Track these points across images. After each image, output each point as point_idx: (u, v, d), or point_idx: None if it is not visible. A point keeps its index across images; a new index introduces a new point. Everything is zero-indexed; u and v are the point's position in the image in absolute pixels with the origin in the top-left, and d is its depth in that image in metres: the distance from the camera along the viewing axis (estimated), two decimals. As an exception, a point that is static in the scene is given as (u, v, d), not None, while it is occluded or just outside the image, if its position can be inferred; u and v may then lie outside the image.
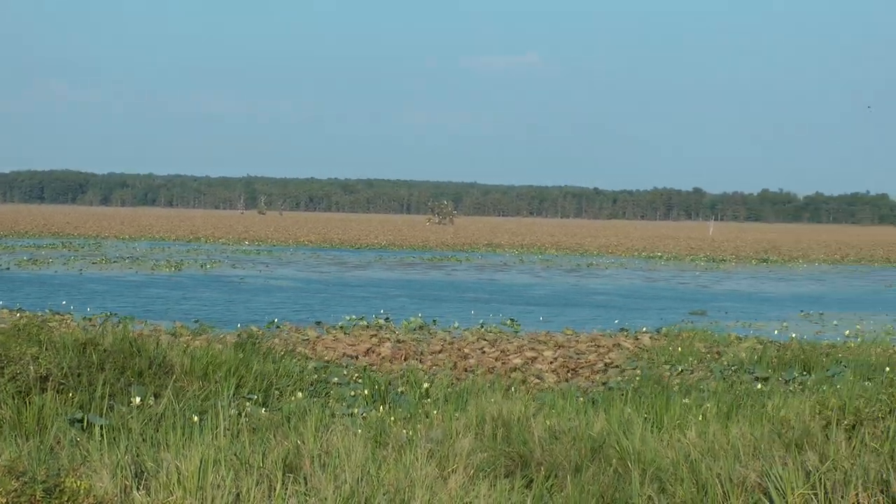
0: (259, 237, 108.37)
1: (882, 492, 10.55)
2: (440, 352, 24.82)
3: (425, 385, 18.34)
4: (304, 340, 25.84)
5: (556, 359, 24.22)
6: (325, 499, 10.27)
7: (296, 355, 21.70)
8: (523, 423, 13.95)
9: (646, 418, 14.75)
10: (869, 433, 12.41)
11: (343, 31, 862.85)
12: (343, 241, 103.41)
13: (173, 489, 10.23)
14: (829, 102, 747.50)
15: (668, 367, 22.35)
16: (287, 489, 10.50)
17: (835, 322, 37.93)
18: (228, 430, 12.58)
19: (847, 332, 33.43)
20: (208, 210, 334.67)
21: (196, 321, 30.25)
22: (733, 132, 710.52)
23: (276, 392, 17.20)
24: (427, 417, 15.13)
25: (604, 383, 20.96)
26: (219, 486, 10.23)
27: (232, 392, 16.23)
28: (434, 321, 32.59)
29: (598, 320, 36.24)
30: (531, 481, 11.57)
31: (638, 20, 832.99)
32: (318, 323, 31.62)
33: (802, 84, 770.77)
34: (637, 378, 20.24)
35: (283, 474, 10.79)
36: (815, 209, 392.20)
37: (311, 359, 22.04)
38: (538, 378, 21.72)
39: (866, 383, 18.95)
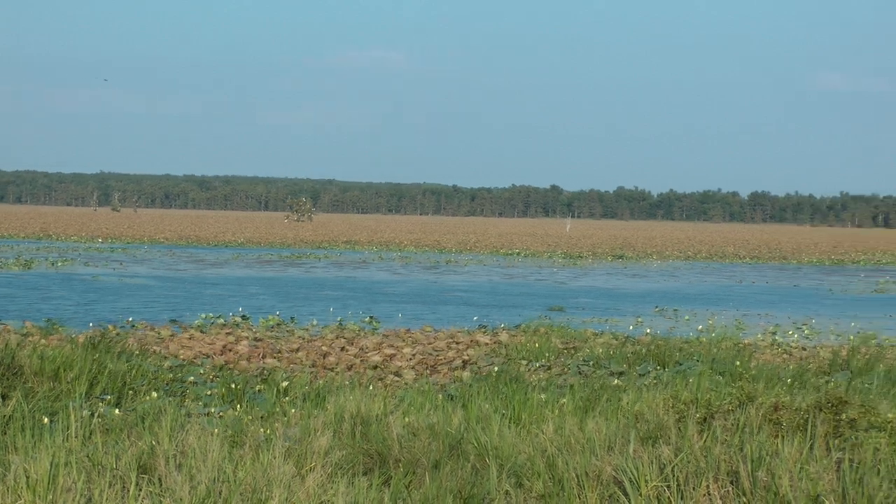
0: (113, 234, 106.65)
1: (732, 483, 10.76)
2: (298, 350, 24.68)
3: (283, 383, 18.21)
4: (159, 339, 25.48)
5: (414, 356, 24.24)
6: (181, 499, 10.14)
7: (151, 354, 21.38)
8: (382, 421, 13.93)
9: (503, 414, 14.85)
10: (720, 426, 12.64)
11: (197, 27, 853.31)
12: (200, 239, 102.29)
13: (21, 493, 10.00)
14: (683, 102, 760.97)
15: (525, 363, 22.51)
16: (141, 490, 10.34)
17: (688, 317, 38.62)
18: (80, 431, 12.34)
19: (700, 327, 34.06)
20: (60, 207, 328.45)
21: (47, 320, 29.63)
22: (590, 130, 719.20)
23: (131, 392, 16.93)
24: (285, 416, 15.03)
25: (462, 380, 21.03)
26: (69, 488, 10.04)
27: (84, 393, 15.94)
28: (292, 319, 32.41)
29: (457, 317, 36.38)
30: (390, 478, 11.56)
31: (496, 19, 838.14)
32: (174, 321, 31.22)
33: (656, 83, 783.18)
34: (495, 374, 20.35)
35: (138, 475, 10.62)
36: (668, 206, 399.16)
37: (166, 358, 21.72)
38: (397, 375, 21.72)
39: (718, 377, 19.34)
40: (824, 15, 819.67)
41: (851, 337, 30.69)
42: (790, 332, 33.17)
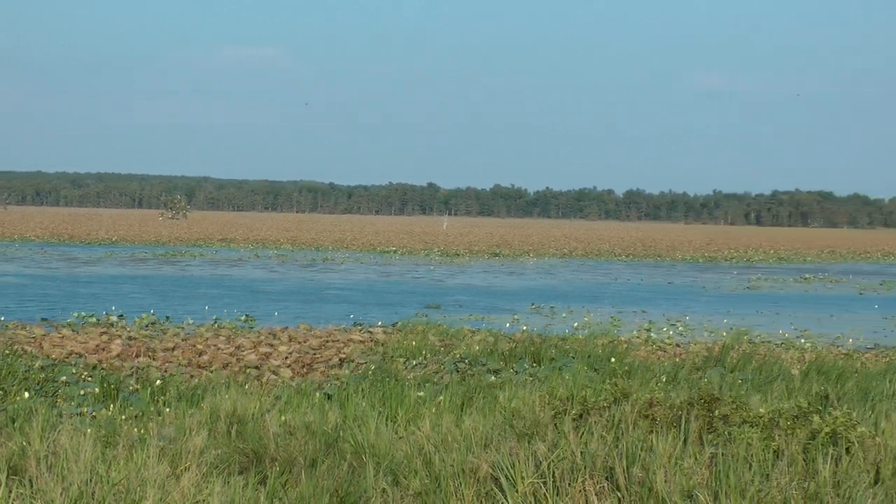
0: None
1: (608, 479, 10.86)
2: (174, 349, 24.38)
3: (158, 382, 18.00)
4: (30, 339, 24.98)
5: (291, 354, 24.10)
6: (52, 501, 9.95)
7: (22, 354, 20.98)
8: (258, 420, 13.84)
9: (380, 412, 14.83)
10: (596, 422, 12.75)
11: (70, 21, 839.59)
12: (73, 237, 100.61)
13: None
14: (558, 99, 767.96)
15: (402, 360, 22.50)
16: (11, 492, 10.13)
17: (564, 315, 38.93)
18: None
19: (575, 324, 34.35)
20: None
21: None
22: (466, 127, 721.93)
23: (1, 392, 16.60)
24: (159, 415, 14.86)
25: (339, 378, 20.95)
26: (-63, 491, 9.80)
27: (-48, 393, 15.57)
28: (167, 318, 32.02)
29: (334, 315, 36.26)
30: (266, 477, 11.47)
31: (379, 16, 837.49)
32: (46, 320, 30.63)
33: (532, 81, 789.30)
34: (372, 372, 20.32)
35: (8, 477, 10.41)
36: (545, 204, 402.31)
37: (38, 357, 21.31)
38: (274, 374, 21.57)
39: (594, 374, 19.54)
40: (701, 15, 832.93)
41: (724, 334, 31.19)
42: (665, 329, 33.61)
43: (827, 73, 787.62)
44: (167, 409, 15.17)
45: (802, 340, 30.66)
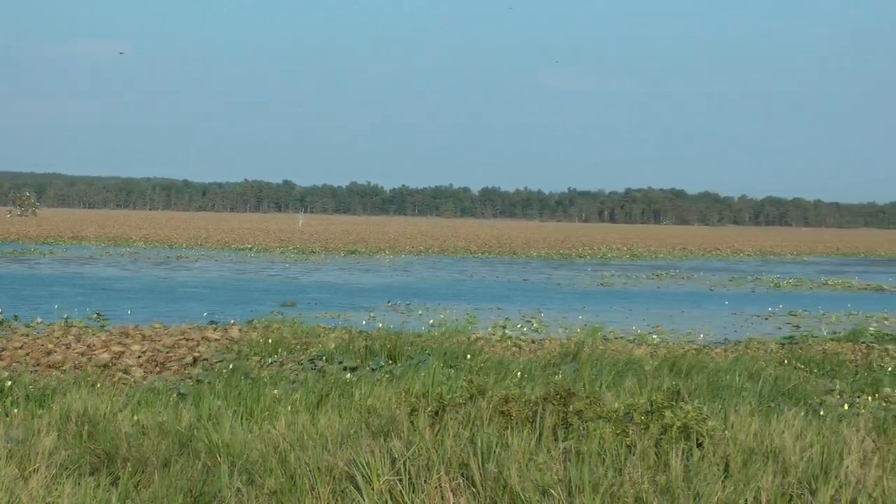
0: None
1: (463, 475, 10.90)
2: (21, 348, 23.86)
3: (7, 383, 17.60)
4: None
5: (144, 353, 23.76)
6: None
7: None
8: (110, 420, 13.63)
9: (235, 411, 14.71)
10: (452, 419, 12.78)
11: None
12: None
13: None
14: (410, 99, 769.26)
15: (258, 358, 22.33)
16: None
17: (420, 312, 39.02)
18: None
19: (431, 321, 34.48)
20: None
21: None
22: (321, 124, 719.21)
23: None
24: (7, 416, 14.53)
25: (193, 377, 20.71)
26: None
27: None
28: (16, 317, 31.30)
29: (188, 313, 35.85)
30: (118, 478, 11.29)
31: (225, 13, 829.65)
32: None
33: (381, 77, 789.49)
34: (227, 371, 20.13)
35: None
36: (401, 202, 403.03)
37: None
38: (126, 373, 21.23)
39: (449, 370, 19.60)
40: (547, 14, 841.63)
41: (579, 330, 31.53)
42: (520, 326, 33.87)
43: (679, 73, 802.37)
44: (15, 410, 14.84)
45: (655, 336, 31.16)
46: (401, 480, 10.67)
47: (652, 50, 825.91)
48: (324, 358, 22.07)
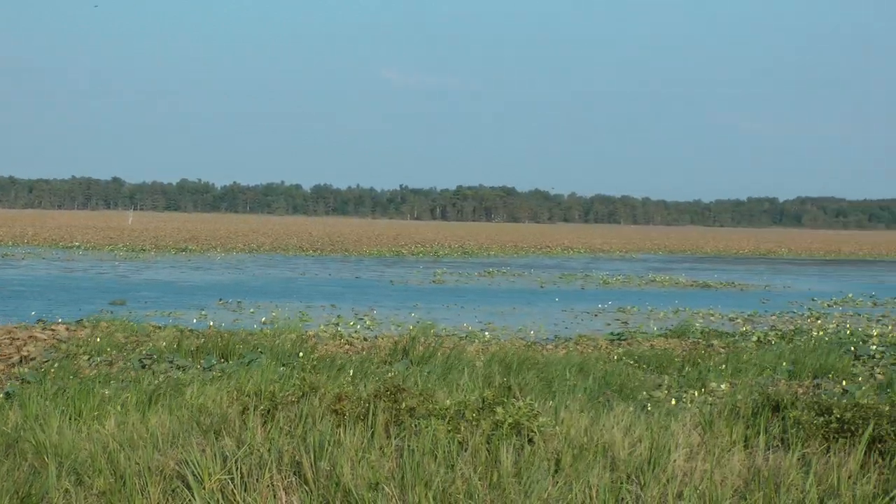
0: None
1: (295, 473, 10.86)
2: None
3: None
4: None
5: (-33, 353, 23.11)
6: None
7: None
8: (-70, 422, 13.23)
9: (63, 411, 14.41)
10: (284, 417, 12.73)
11: None
12: None
13: None
14: (241, 93, 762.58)
15: (87, 357, 21.92)
16: None
17: (252, 310, 38.73)
18: None
19: (263, 319, 34.27)
20: None
21: None
22: (150, 121, 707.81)
23: None
24: None
25: (20, 377, 20.23)
26: None
27: None
28: None
29: (14, 312, 35.01)
30: (-62, 482, 10.97)
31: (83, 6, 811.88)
32: None
33: (209, 75, 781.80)
34: (55, 370, 19.71)
35: None
36: (232, 199, 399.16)
37: None
38: (-53, 374, 20.63)
39: (282, 368, 19.50)
40: (384, 10, 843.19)
41: (411, 327, 31.63)
42: (353, 324, 33.86)
43: (511, 72, 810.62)
44: None
45: (487, 333, 31.42)
46: (233, 479, 10.59)
47: (483, 49, 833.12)
48: (154, 357, 21.77)
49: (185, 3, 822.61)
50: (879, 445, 12.41)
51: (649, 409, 15.27)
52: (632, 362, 23.79)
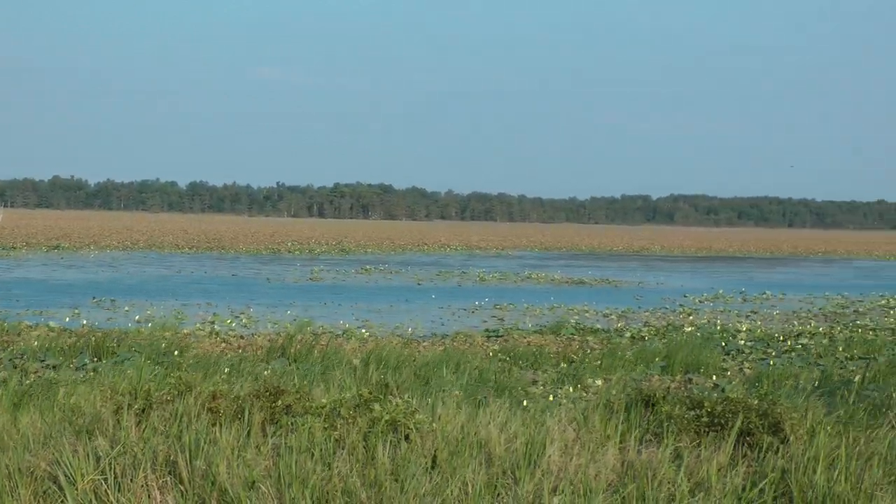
0: None
1: (170, 472, 10.77)
2: None
3: None
4: None
5: None
6: None
7: None
8: None
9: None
10: (159, 416, 12.60)
11: None
12: None
13: None
14: (120, 89, 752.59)
15: (-46, 358, 21.49)
16: None
17: (127, 308, 38.26)
18: None
19: (138, 317, 33.88)
20: None
21: None
22: (25, 118, 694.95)
23: None
24: None
25: None
26: None
27: None
28: None
29: None
30: None
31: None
32: None
33: (84, 69, 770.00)
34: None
35: None
36: (106, 196, 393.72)
37: None
38: None
39: (157, 367, 19.30)
40: (263, 8, 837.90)
41: (288, 325, 31.51)
42: (229, 322, 33.64)
43: (389, 70, 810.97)
44: None
45: (364, 330, 31.42)
46: (106, 480, 10.47)
47: (360, 47, 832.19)
48: (26, 356, 21.41)
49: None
50: (748, 438, 12.67)
51: (525, 405, 15.39)
52: (508, 359, 23.96)
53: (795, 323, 38.20)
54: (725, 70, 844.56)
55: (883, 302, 50.50)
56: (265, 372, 19.39)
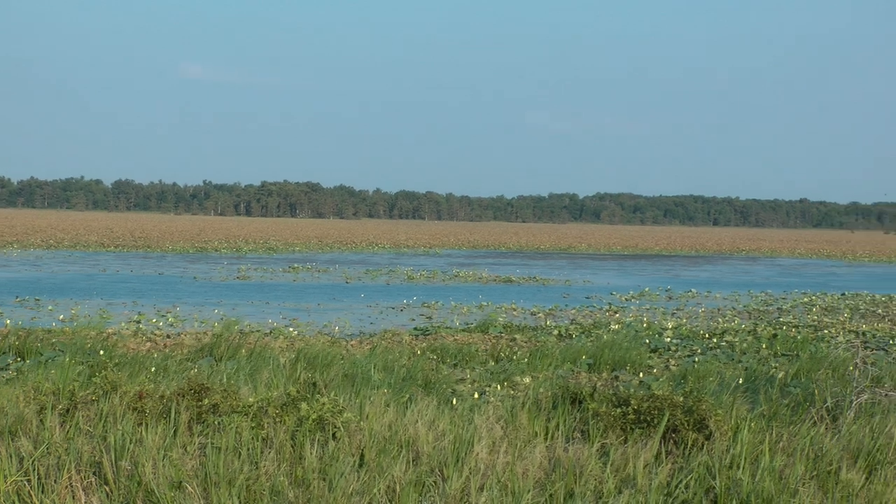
0: None
1: (95, 473, 10.67)
2: None
3: None
4: None
5: None
6: None
7: None
8: None
9: None
10: (83, 416, 12.49)
11: None
12: None
13: None
14: (44, 85, 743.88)
15: None
16: None
17: (51, 307, 37.84)
18: None
19: (62, 317, 33.52)
20: None
21: None
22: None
23: None
24: None
25: None
26: None
27: None
28: None
29: None
30: None
31: None
32: None
33: (14, 67, 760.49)
34: None
35: None
36: (29, 194, 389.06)
37: None
38: None
39: (82, 367, 19.10)
40: (187, 6, 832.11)
41: (215, 324, 31.31)
42: (155, 321, 33.36)
43: (315, 68, 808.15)
44: None
45: (292, 329, 31.28)
46: (29, 481, 10.35)
47: (287, 45, 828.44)
48: (-56, 357, 21.11)
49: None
50: (674, 435, 12.77)
51: (454, 403, 15.42)
52: (436, 357, 23.98)
53: (720, 320, 38.56)
54: (652, 73, 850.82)
55: (806, 299, 51.08)
56: (192, 371, 19.25)
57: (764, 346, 28.24)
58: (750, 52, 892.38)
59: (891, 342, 30.38)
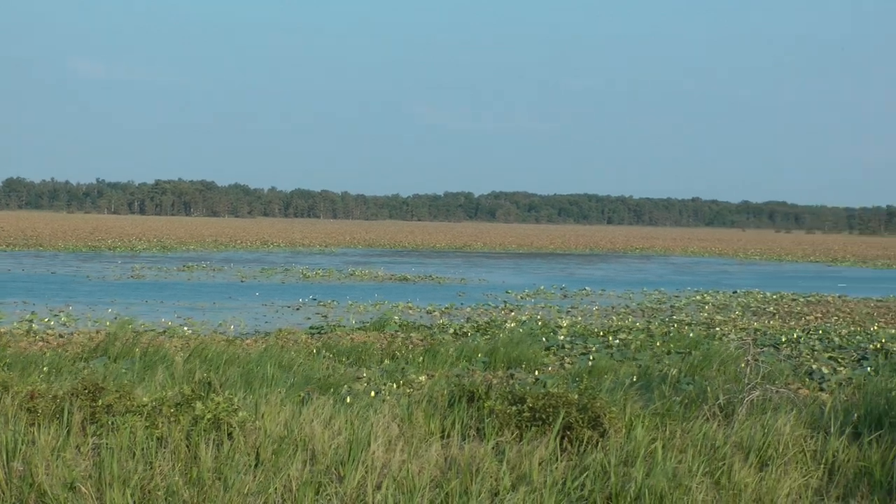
0: None
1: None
2: None
3: None
4: None
5: None
6: None
7: None
8: None
9: None
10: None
11: None
12: None
13: None
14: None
15: None
16: None
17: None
18: None
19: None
20: None
21: None
22: None
23: None
24: None
25: None
26: None
27: None
28: None
29: None
30: None
31: None
32: None
33: None
34: None
35: None
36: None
37: None
38: None
39: (-29, 367, 18.81)
40: (77, 3, 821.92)
41: (109, 323, 30.99)
42: (47, 320, 32.92)
43: (210, 66, 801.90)
44: None
45: (186, 328, 31.06)
46: None
47: (177, 42, 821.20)
48: None
49: None
50: (569, 433, 12.91)
51: (349, 402, 15.43)
52: (332, 356, 23.96)
53: (614, 318, 38.98)
54: (540, 70, 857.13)
55: (698, 297, 51.81)
56: (85, 371, 19.04)
57: (658, 343, 28.60)
58: (645, 51, 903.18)
59: (781, 339, 30.93)
